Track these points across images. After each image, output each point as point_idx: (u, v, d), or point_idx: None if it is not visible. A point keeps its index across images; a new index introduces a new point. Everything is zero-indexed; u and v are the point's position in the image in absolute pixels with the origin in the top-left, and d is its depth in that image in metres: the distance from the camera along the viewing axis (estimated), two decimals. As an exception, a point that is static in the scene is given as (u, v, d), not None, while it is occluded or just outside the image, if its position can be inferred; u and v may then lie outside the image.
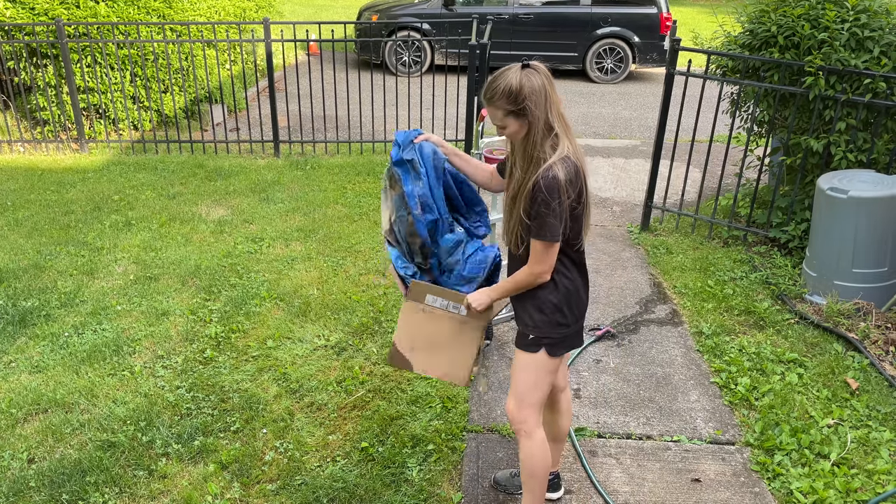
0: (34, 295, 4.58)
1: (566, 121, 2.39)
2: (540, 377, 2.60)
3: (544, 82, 2.33)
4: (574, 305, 2.53)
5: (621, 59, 11.57)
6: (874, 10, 4.90)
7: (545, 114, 2.32)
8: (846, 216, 4.35)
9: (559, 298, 2.50)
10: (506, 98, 2.32)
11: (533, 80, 2.31)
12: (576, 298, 2.53)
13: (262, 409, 3.55)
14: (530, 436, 2.63)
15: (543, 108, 2.31)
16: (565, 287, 2.50)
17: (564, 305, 2.51)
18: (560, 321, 2.51)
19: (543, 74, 2.34)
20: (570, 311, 2.52)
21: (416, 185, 2.75)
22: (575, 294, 2.52)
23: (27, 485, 3.05)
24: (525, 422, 2.63)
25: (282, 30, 8.50)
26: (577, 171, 2.36)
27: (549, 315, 2.51)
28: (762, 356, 4.05)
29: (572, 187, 2.33)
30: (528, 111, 2.31)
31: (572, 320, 2.54)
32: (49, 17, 7.31)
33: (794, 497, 3.07)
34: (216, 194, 6.38)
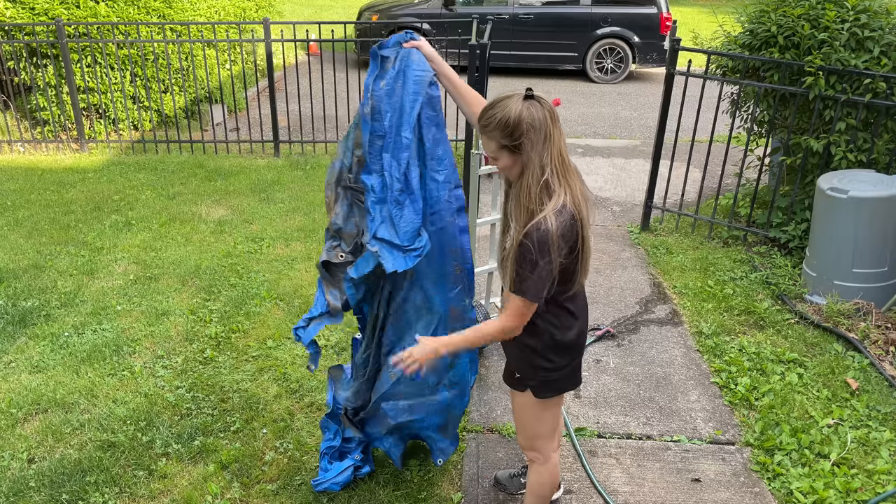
0: (34, 295, 4.58)
1: (567, 163, 2.16)
2: (536, 414, 2.51)
3: (546, 118, 2.08)
4: (562, 352, 2.36)
5: (621, 59, 11.57)
6: (874, 10, 4.90)
7: (540, 156, 2.09)
8: (846, 216, 4.35)
9: (542, 345, 2.34)
10: (501, 129, 2.10)
11: (534, 114, 2.07)
12: (563, 345, 2.35)
13: (262, 409, 3.55)
14: (545, 462, 2.60)
15: (540, 149, 2.08)
16: (550, 334, 2.32)
17: (550, 352, 2.35)
18: (543, 365, 2.37)
19: (547, 109, 2.10)
20: (557, 357, 2.36)
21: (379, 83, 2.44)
22: (562, 342, 2.34)
23: (27, 485, 3.05)
24: (538, 452, 2.59)
25: (282, 30, 8.49)
26: (573, 223, 2.13)
27: (528, 359, 2.38)
28: (762, 356, 4.05)
29: (565, 241, 2.12)
30: (524, 150, 2.10)
31: (560, 365, 2.37)
32: (49, 17, 7.31)
33: (794, 497, 3.07)
34: (216, 194, 6.38)
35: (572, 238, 2.15)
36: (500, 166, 2.18)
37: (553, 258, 2.10)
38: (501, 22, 11.22)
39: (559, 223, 2.09)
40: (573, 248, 2.18)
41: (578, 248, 2.19)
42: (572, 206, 2.13)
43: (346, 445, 3.06)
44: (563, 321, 2.33)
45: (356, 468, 3.03)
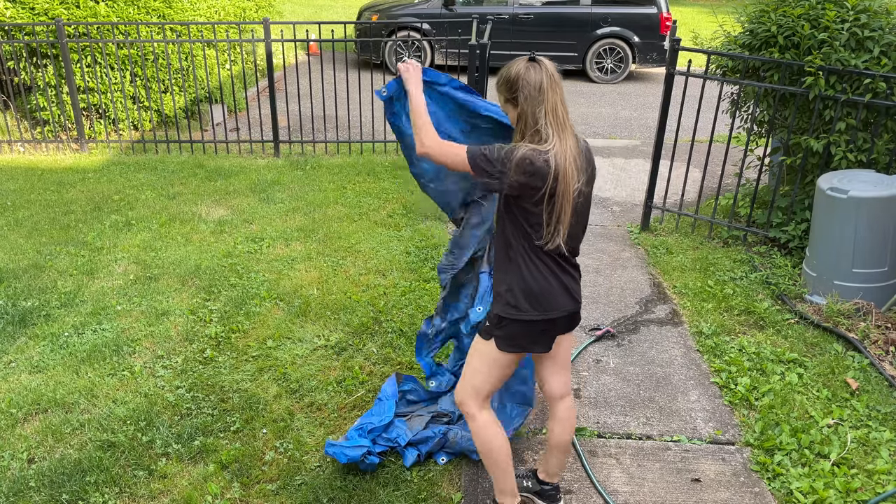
0: (34, 295, 4.58)
1: (564, 121, 2.39)
2: (488, 367, 2.63)
3: (543, 79, 2.35)
4: (530, 298, 2.49)
5: (621, 59, 11.57)
6: (874, 10, 4.90)
7: (533, 108, 2.35)
8: (846, 216, 4.35)
9: (511, 280, 2.51)
10: (504, 85, 2.42)
11: (531, 73, 2.36)
12: (532, 292, 2.49)
13: (262, 409, 3.55)
14: (473, 418, 2.69)
15: (532, 103, 2.35)
16: (521, 274, 2.49)
17: (517, 288, 2.49)
18: (510, 302, 2.51)
19: (545, 71, 2.36)
20: (524, 299, 2.49)
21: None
22: (531, 288, 2.48)
23: (27, 485, 3.05)
24: (464, 403, 2.69)
25: (282, 30, 8.50)
26: (545, 166, 2.33)
27: (502, 293, 2.54)
28: (762, 356, 4.05)
29: (527, 174, 2.32)
30: (519, 102, 2.37)
31: (526, 308, 2.50)
32: (49, 17, 7.31)
33: (794, 497, 3.07)
34: (216, 194, 6.38)
35: (536, 178, 2.33)
36: (510, 119, 2.48)
37: (508, 168, 2.33)
38: (501, 22, 11.22)
39: (528, 153, 2.33)
40: (537, 189, 2.34)
41: (546, 194, 2.35)
42: (554, 157, 2.34)
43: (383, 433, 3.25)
44: (534, 268, 2.48)
45: (368, 453, 3.09)
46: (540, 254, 2.47)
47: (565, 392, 2.80)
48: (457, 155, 2.42)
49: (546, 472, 2.93)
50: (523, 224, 2.43)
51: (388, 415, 3.28)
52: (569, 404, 2.81)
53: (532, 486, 2.99)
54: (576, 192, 2.41)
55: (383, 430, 3.24)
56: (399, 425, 3.29)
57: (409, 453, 3.19)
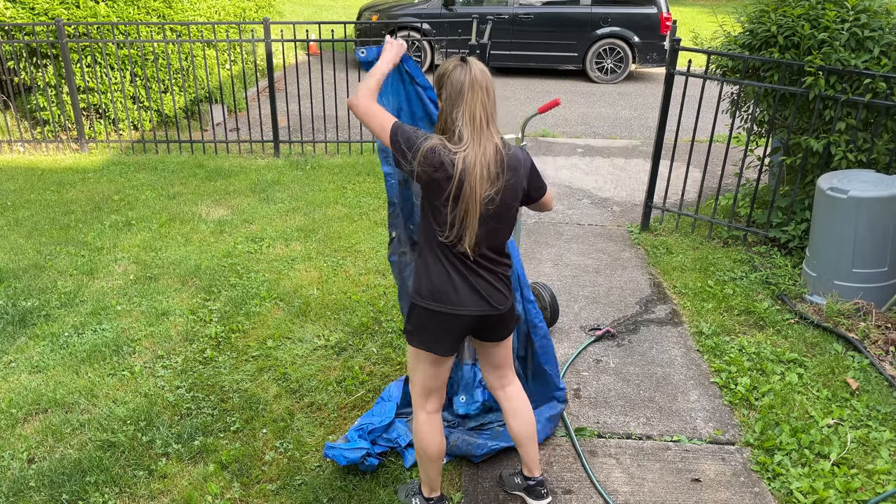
0: (34, 295, 4.58)
1: (480, 124, 2.36)
2: (414, 365, 2.68)
3: (465, 80, 2.35)
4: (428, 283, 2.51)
5: (621, 59, 11.57)
6: (874, 10, 4.90)
7: (452, 108, 2.37)
8: (846, 216, 4.35)
9: (420, 267, 2.56)
10: (436, 82, 2.47)
11: (457, 72, 2.37)
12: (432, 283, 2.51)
13: (262, 409, 3.55)
14: (413, 414, 2.76)
15: (452, 102, 2.36)
16: (424, 257, 2.54)
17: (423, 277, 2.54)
18: (416, 287, 2.56)
19: (470, 72, 2.36)
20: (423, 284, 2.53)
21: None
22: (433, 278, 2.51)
23: (27, 485, 3.05)
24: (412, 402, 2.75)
25: (282, 30, 8.50)
26: (452, 164, 2.33)
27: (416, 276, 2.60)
28: (762, 356, 4.06)
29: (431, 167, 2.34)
30: (442, 96, 2.41)
31: (423, 294, 2.52)
32: (49, 17, 7.31)
33: (794, 497, 3.07)
34: (216, 194, 6.39)
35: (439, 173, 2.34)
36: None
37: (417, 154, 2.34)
38: (501, 22, 11.22)
39: (439, 146, 2.35)
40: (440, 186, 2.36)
41: (450, 195, 2.35)
42: (462, 159, 2.34)
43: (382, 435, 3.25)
44: (437, 263, 2.51)
45: (367, 455, 3.09)
46: (444, 249, 2.49)
47: (502, 384, 2.85)
48: (382, 124, 2.41)
49: (527, 467, 2.94)
50: (430, 218, 2.47)
51: (388, 415, 3.28)
52: (512, 394, 2.85)
53: (520, 482, 3.00)
54: (486, 198, 2.37)
55: (384, 431, 3.24)
56: (399, 426, 3.29)
57: (409, 454, 3.20)
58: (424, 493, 2.88)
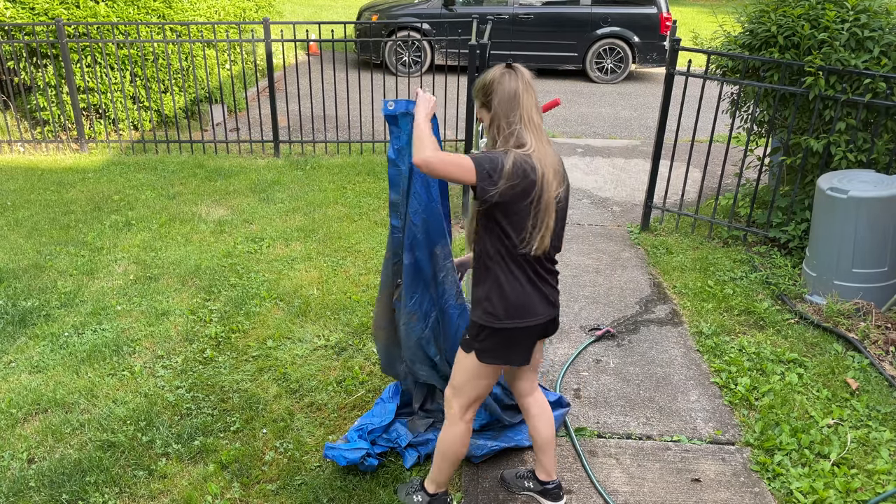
0: (34, 295, 4.58)
1: (539, 127, 2.42)
2: (472, 379, 2.63)
3: (518, 84, 2.39)
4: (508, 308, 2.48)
5: (621, 59, 11.57)
6: (874, 10, 4.90)
7: (506, 112, 2.37)
8: (846, 216, 4.35)
9: (488, 287, 2.50)
10: (479, 89, 2.46)
11: (505, 78, 2.39)
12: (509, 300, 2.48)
13: (262, 409, 3.55)
14: (453, 423, 2.71)
15: (506, 107, 2.37)
16: (498, 281, 2.48)
17: (494, 297, 2.49)
18: (488, 309, 2.50)
19: (521, 77, 2.41)
20: (500, 306, 2.48)
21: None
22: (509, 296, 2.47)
23: (27, 485, 3.05)
24: (451, 408, 2.70)
25: (282, 30, 8.50)
26: (533, 169, 2.35)
27: (481, 300, 2.53)
28: (762, 356, 4.06)
29: (517, 178, 2.33)
30: (492, 104, 2.40)
31: (503, 316, 2.49)
32: (49, 17, 7.31)
33: (794, 497, 3.07)
34: (216, 194, 6.38)
35: (527, 180, 2.35)
36: (485, 126, 2.49)
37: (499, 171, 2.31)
38: (501, 22, 11.22)
39: (517, 158, 2.34)
40: (525, 194, 2.36)
41: (533, 199, 2.37)
42: (538, 161, 2.37)
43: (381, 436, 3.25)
44: (512, 278, 2.48)
45: (367, 455, 3.09)
46: (519, 262, 2.47)
47: (532, 389, 2.86)
48: (459, 163, 2.32)
49: (545, 471, 2.94)
50: (505, 232, 2.42)
51: (388, 416, 3.28)
52: (539, 400, 2.87)
53: (534, 486, 3.00)
54: (557, 197, 2.44)
55: (383, 431, 3.24)
56: (399, 426, 3.28)
57: (409, 454, 3.19)
58: (430, 490, 2.88)
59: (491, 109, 2.42)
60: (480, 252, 2.52)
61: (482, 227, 2.48)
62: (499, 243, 2.45)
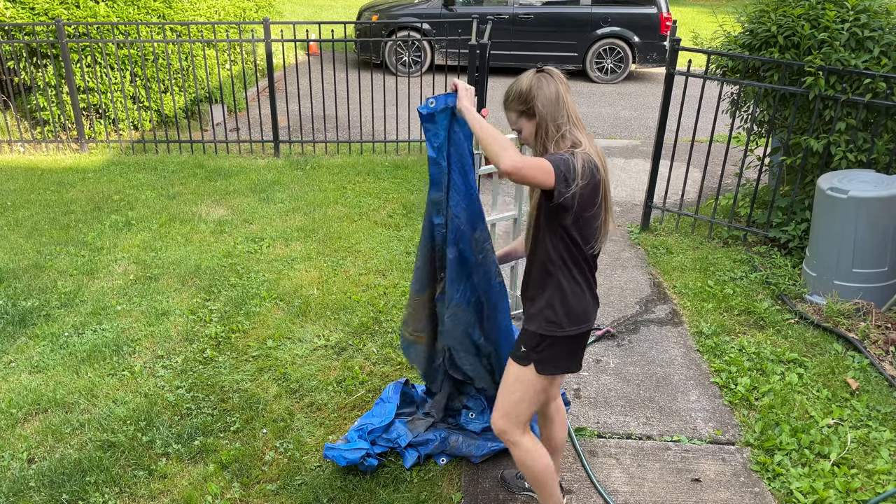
0: (34, 295, 4.58)
1: (582, 124, 2.42)
2: (528, 394, 2.56)
3: (557, 86, 2.38)
4: (571, 314, 2.44)
5: (621, 59, 11.57)
6: (874, 10, 4.90)
7: (553, 116, 2.35)
8: (846, 216, 4.35)
9: (551, 294, 2.44)
10: (517, 100, 2.40)
11: (543, 82, 2.37)
12: (572, 308, 2.44)
13: (262, 409, 3.55)
14: (516, 445, 2.62)
15: (552, 110, 2.35)
16: (560, 286, 2.43)
17: (557, 304, 2.44)
18: (550, 318, 2.44)
19: (557, 78, 2.39)
20: (563, 313, 2.43)
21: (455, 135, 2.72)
22: (572, 303, 2.43)
23: (27, 485, 3.05)
24: (505, 432, 2.61)
25: (282, 30, 8.50)
26: (597, 168, 2.32)
27: (537, 313, 2.47)
28: (762, 356, 4.06)
29: (587, 179, 2.28)
30: (537, 110, 2.36)
31: (566, 324, 2.44)
32: (49, 17, 7.31)
33: (794, 497, 3.07)
34: (216, 194, 6.38)
35: (594, 180, 2.31)
36: (524, 136, 2.44)
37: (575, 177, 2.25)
38: (501, 22, 11.22)
39: (585, 157, 2.29)
40: (595, 193, 2.32)
41: (600, 201, 2.36)
42: (596, 157, 2.34)
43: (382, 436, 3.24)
44: (574, 283, 2.44)
45: (367, 455, 3.09)
46: (581, 266, 2.43)
47: (557, 394, 2.85)
48: (541, 167, 2.22)
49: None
50: (572, 235, 2.36)
51: (388, 416, 3.28)
52: (560, 405, 2.87)
53: None
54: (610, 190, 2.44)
55: (383, 431, 3.23)
56: (399, 426, 3.28)
57: (409, 454, 3.19)
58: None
59: (535, 116, 2.37)
60: (543, 258, 2.44)
61: (546, 232, 2.40)
62: (563, 247, 2.39)
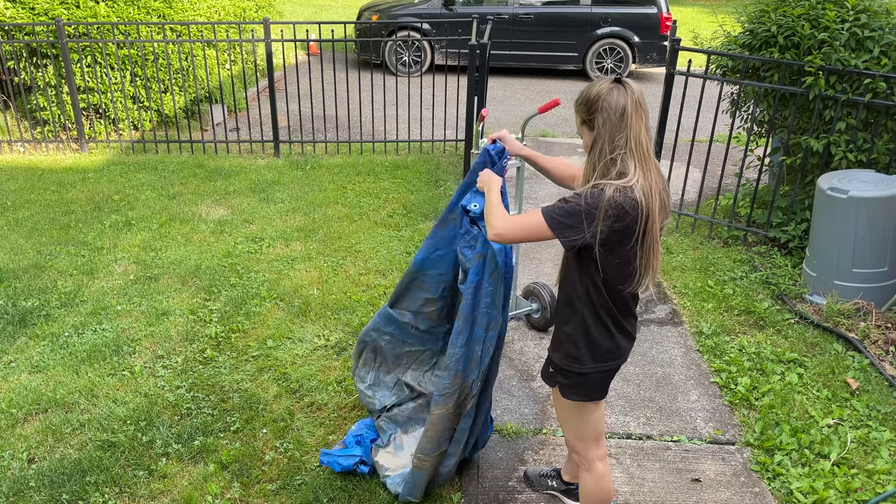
0: (34, 295, 4.58)
1: (647, 152, 2.17)
2: (570, 415, 2.54)
3: (627, 102, 2.13)
4: (592, 348, 2.36)
5: (621, 59, 11.56)
6: (874, 10, 4.90)
7: (611, 135, 2.13)
8: (846, 216, 4.35)
9: (574, 329, 2.36)
10: (582, 104, 2.23)
11: (613, 94, 2.14)
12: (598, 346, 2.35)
13: (262, 409, 3.55)
14: (588, 470, 2.60)
15: (611, 128, 2.13)
16: (584, 323, 2.33)
17: (580, 340, 2.35)
18: (571, 353, 2.38)
19: (630, 94, 2.15)
20: (586, 350, 2.36)
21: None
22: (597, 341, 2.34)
23: (27, 485, 3.05)
24: (579, 455, 2.61)
25: (282, 30, 8.50)
26: (635, 206, 2.10)
27: (563, 342, 2.41)
28: (762, 356, 4.06)
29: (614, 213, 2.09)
30: (595, 125, 2.17)
31: (587, 360, 2.36)
32: (49, 17, 7.31)
33: (794, 497, 3.07)
34: (216, 194, 6.38)
35: (626, 220, 2.11)
36: (584, 144, 2.27)
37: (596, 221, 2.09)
38: (501, 22, 11.22)
39: (616, 195, 2.09)
40: (628, 233, 2.13)
41: (637, 240, 2.15)
42: (640, 194, 2.11)
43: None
44: (600, 323, 2.32)
45: (361, 462, 3.10)
46: (607, 306, 2.30)
47: None
48: (531, 225, 2.17)
49: (571, 474, 2.96)
50: (600, 274, 2.22)
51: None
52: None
53: (558, 485, 3.02)
54: (662, 229, 2.23)
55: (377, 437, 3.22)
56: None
57: None
58: None
59: (594, 129, 2.17)
60: (569, 290, 2.35)
61: (574, 267, 2.30)
62: (590, 285, 2.27)
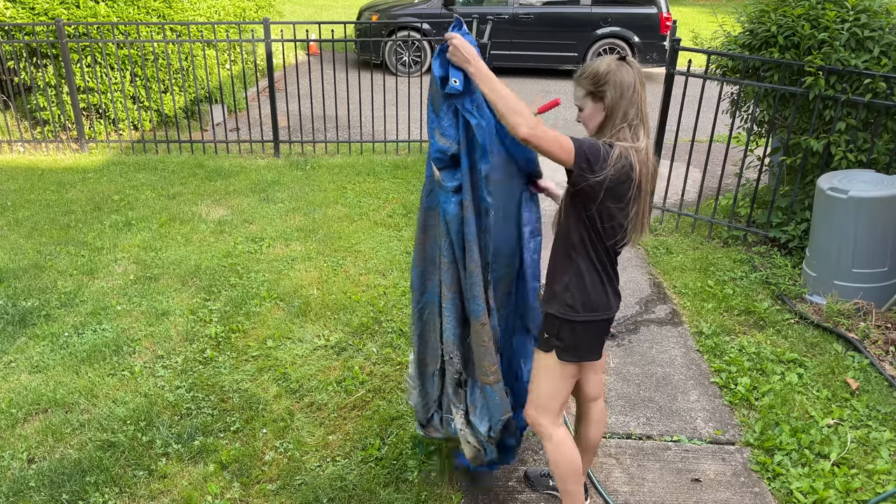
0: (34, 295, 4.58)
1: (647, 120, 2.38)
2: (555, 382, 2.59)
3: (635, 78, 2.33)
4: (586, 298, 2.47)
5: (621, 59, 11.56)
6: (874, 10, 4.90)
7: (626, 106, 2.32)
8: (846, 216, 4.35)
9: (570, 279, 2.46)
10: (590, 79, 2.35)
11: (623, 70, 2.32)
12: (587, 293, 2.47)
13: (262, 409, 3.55)
14: (549, 438, 2.64)
15: (624, 100, 2.31)
16: (579, 271, 2.45)
17: (574, 290, 2.46)
18: (568, 302, 2.47)
19: (636, 70, 2.35)
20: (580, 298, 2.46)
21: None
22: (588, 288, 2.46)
23: (27, 485, 3.05)
24: (540, 425, 2.64)
25: (282, 30, 8.50)
26: (638, 165, 2.31)
27: (559, 292, 2.49)
28: (762, 356, 4.06)
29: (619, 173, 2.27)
30: (606, 96, 2.32)
31: (580, 309, 2.47)
32: (49, 17, 7.31)
33: (794, 497, 3.07)
34: (216, 194, 6.38)
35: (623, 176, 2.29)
36: (583, 116, 2.42)
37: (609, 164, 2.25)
38: (501, 22, 11.22)
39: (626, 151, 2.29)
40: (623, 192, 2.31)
41: (630, 199, 2.34)
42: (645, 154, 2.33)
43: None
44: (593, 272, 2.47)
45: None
46: (601, 256, 2.45)
47: (599, 394, 2.83)
48: (558, 141, 2.24)
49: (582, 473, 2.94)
50: (595, 225, 2.38)
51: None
52: (601, 406, 2.85)
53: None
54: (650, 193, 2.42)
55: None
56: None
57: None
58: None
59: (604, 101, 2.34)
60: (565, 241, 2.47)
61: (572, 217, 2.42)
62: (586, 235, 2.41)
